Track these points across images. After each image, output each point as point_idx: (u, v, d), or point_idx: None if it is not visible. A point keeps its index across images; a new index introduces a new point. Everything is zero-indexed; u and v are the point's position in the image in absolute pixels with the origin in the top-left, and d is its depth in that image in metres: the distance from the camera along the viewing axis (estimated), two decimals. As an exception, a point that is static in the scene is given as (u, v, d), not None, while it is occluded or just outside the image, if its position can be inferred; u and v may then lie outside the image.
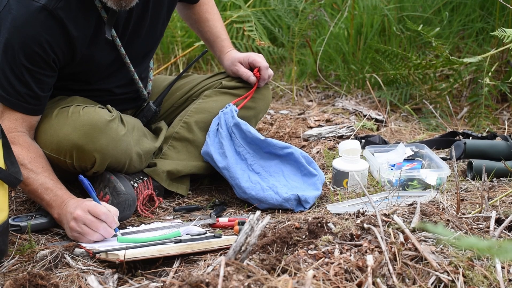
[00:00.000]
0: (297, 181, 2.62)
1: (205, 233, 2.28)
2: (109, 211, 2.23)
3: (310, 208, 2.54)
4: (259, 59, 2.78)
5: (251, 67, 2.80)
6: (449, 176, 2.73)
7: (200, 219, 2.46)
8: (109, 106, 2.51)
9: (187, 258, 2.15)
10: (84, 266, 2.11)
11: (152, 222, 2.45)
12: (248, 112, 2.79)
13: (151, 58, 2.76)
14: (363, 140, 3.12)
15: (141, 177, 2.59)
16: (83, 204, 2.23)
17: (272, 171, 2.64)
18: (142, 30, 2.55)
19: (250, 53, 2.82)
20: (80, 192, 2.63)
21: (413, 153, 2.92)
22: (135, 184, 2.54)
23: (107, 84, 2.58)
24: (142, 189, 2.56)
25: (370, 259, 1.85)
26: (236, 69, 2.80)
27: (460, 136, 3.19)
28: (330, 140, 3.19)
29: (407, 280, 1.84)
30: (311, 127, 3.37)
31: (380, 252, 1.89)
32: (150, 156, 2.63)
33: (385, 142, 3.15)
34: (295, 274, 1.83)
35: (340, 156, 2.75)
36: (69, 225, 2.23)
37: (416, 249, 1.92)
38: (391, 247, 1.90)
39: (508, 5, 3.65)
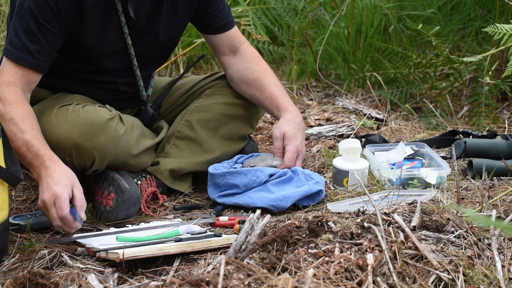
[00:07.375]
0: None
1: (206, 232, 2.28)
2: (71, 220, 2.18)
3: (309, 206, 2.54)
4: (292, 143, 2.61)
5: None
6: (450, 175, 2.73)
7: (200, 217, 2.46)
8: (108, 105, 2.51)
9: (188, 257, 2.15)
10: (84, 265, 2.11)
11: (152, 221, 2.45)
12: (249, 110, 2.79)
13: (158, 66, 2.80)
14: (363, 139, 3.11)
15: (144, 175, 2.59)
16: (53, 191, 2.17)
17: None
18: (153, 28, 2.56)
19: (293, 134, 2.63)
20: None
21: (413, 152, 2.92)
22: (138, 182, 2.54)
23: (111, 76, 2.58)
24: (146, 186, 2.56)
25: (370, 258, 1.85)
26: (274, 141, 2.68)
27: (461, 135, 3.19)
28: (331, 139, 3.19)
29: (407, 279, 1.84)
30: (312, 126, 3.37)
31: (381, 251, 1.89)
32: (151, 154, 2.63)
33: (385, 141, 3.15)
34: (296, 273, 1.83)
35: (340, 155, 2.75)
36: (41, 197, 2.19)
37: (416, 248, 1.92)
38: (392, 246, 1.90)
39: (509, 2, 3.65)
